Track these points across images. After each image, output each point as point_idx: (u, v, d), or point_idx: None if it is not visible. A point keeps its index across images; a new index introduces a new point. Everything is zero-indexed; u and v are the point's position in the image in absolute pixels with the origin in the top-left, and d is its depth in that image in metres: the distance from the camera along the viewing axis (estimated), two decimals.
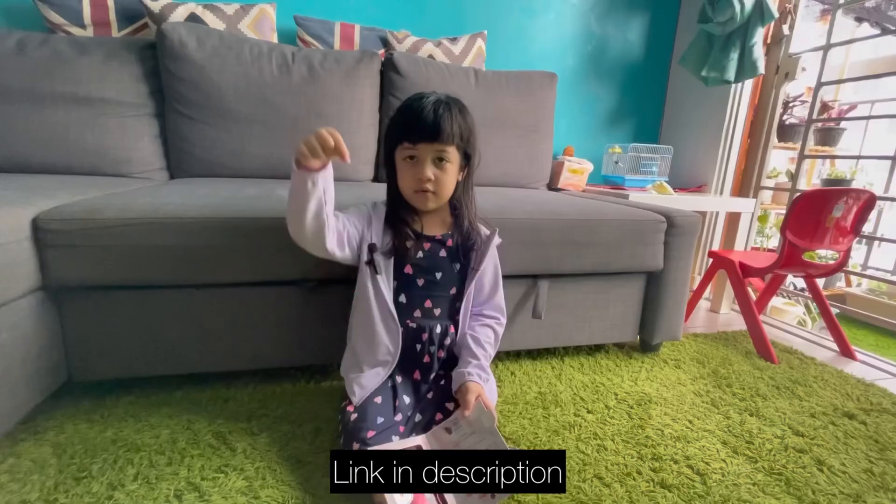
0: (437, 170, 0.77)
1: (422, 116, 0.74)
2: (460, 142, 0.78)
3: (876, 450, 0.88)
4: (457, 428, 0.71)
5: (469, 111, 0.80)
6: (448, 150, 0.76)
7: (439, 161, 0.77)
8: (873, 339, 2.28)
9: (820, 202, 1.18)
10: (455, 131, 0.75)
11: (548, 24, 1.88)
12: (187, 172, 1.36)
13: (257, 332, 0.93)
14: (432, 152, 0.76)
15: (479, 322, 0.87)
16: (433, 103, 0.75)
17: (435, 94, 0.78)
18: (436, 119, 0.74)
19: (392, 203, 0.83)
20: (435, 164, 0.77)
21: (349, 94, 1.41)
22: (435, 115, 0.74)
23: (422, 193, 0.78)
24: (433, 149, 0.75)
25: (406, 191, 0.80)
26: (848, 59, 2.68)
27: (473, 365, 0.79)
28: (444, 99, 0.77)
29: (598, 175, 1.97)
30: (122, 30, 1.39)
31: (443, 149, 0.76)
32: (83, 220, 0.78)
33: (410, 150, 0.76)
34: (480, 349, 0.82)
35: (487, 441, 0.67)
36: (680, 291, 1.20)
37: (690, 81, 1.92)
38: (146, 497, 0.65)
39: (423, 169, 0.76)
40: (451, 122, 0.75)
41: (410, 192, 0.79)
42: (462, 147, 0.79)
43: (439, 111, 0.74)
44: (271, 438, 0.80)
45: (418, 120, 0.75)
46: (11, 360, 0.71)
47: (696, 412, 0.97)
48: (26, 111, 1.20)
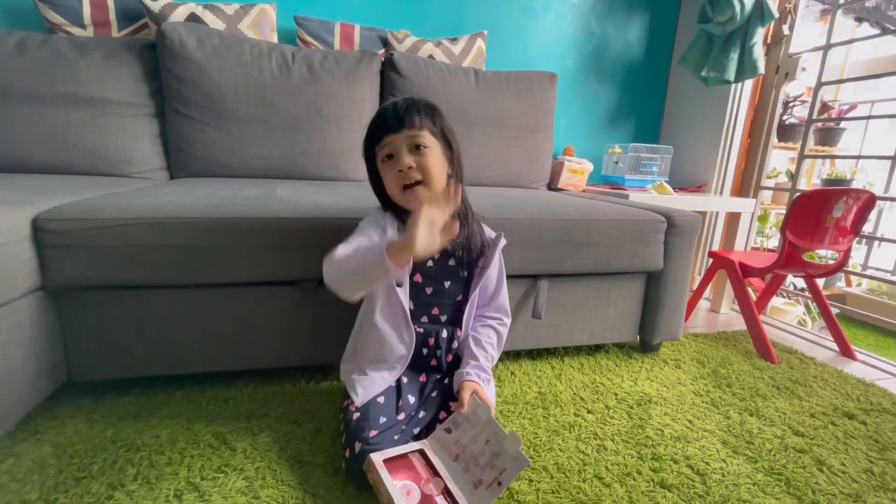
0: (417, 157, 0.74)
1: (384, 114, 0.75)
2: (433, 126, 0.76)
3: (876, 450, 0.88)
4: (456, 426, 0.72)
5: (439, 108, 0.79)
6: (421, 134, 0.74)
7: (416, 149, 0.74)
8: (873, 339, 2.28)
9: (820, 202, 1.18)
10: (423, 117, 0.74)
11: (548, 24, 1.88)
12: (187, 172, 1.36)
13: (257, 332, 0.93)
14: (405, 140, 0.73)
15: (481, 323, 0.87)
16: (393, 102, 0.75)
17: (401, 97, 0.77)
18: (396, 110, 0.74)
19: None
20: (412, 152, 0.74)
21: (349, 94, 1.41)
22: (395, 107, 0.74)
23: (410, 189, 0.74)
24: (404, 136, 0.73)
25: (395, 194, 0.76)
26: (848, 58, 2.67)
27: (472, 366, 0.80)
28: (409, 98, 0.77)
29: (598, 175, 1.97)
30: (122, 30, 1.39)
31: (414, 134, 0.73)
32: (83, 221, 0.78)
33: (385, 149, 0.75)
34: (481, 350, 0.82)
35: (487, 432, 0.68)
36: (680, 291, 1.20)
37: (690, 81, 1.92)
38: (146, 497, 0.65)
39: (400, 158, 0.73)
40: (415, 109, 0.74)
41: (399, 193, 0.75)
42: (438, 133, 0.76)
43: (399, 104, 0.74)
44: (271, 438, 0.80)
45: (381, 119, 0.75)
46: (11, 360, 0.71)
47: (696, 412, 0.97)
48: (26, 111, 1.20)
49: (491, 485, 0.63)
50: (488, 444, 0.67)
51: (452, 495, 0.64)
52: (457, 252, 0.81)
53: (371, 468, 0.64)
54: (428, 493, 0.64)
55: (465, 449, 0.69)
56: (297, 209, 0.90)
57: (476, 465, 0.66)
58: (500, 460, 0.65)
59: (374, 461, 0.64)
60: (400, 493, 0.62)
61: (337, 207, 0.93)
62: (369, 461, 0.64)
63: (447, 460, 0.69)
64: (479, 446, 0.68)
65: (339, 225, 0.89)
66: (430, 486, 0.65)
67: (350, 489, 0.68)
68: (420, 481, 0.66)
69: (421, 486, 0.65)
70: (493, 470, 0.65)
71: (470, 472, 0.66)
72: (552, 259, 1.05)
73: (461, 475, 0.67)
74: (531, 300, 1.08)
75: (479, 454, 0.67)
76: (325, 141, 1.41)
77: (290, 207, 0.90)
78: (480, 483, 0.64)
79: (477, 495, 0.63)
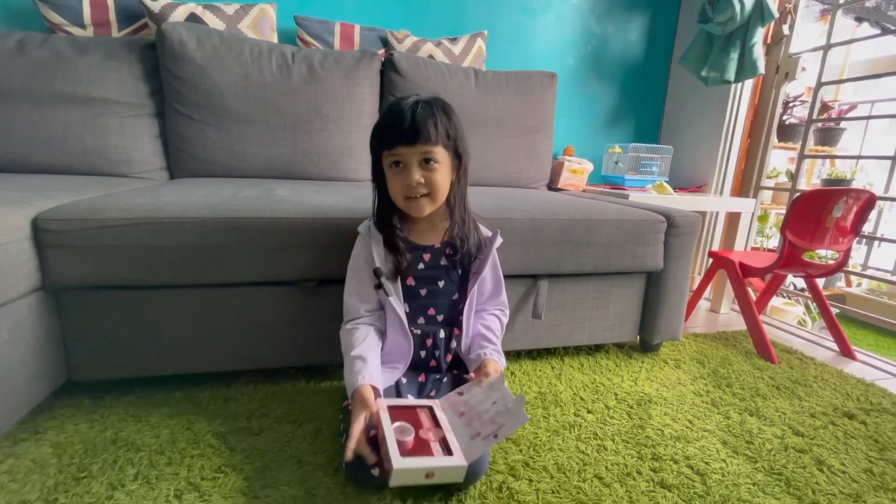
0: (426, 171, 0.73)
1: (400, 120, 0.71)
2: (447, 140, 0.74)
3: (876, 450, 0.88)
4: (468, 390, 0.74)
5: (454, 110, 0.77)
6: (434, 150, 0.72)
7: (426, 163, 0.73)
8: (873, 339, 2.29)
9: (820, 202, 1.18)
10: (439, 131, 0.72)
11: (548, 24, 1.88)
12: (187, 172, 1.36)
13: (257, 332, 0.93)
14: (417, 155, 0.72)
15: (486, 313, 0.89)
16: (411, 105, 0.71)
17: (415, 96, 0.74)
18: (414, 120, 0.70)
19: (385, 213, 0.80)
20: (422, 166, 0.73)
21: (349, 93, 1.41)
22: (413, 116, 0.70)
23: (414, 200, 0.74)
24: (417, 151, 0.72)
25: (397, 199, 0.76)
26: (848, 58, 2.68)
27: (490, 349, 0.82)
28: (423, 99, 0.73)
29: (598, 175, 1.97)
30: (122, 30, 1.39)
31: (428, 150, 0.72)
32: (83, 221, 0.78)
33: (394, 157, 0.73)
34: (493, 334, 0.85)
35: (495, 396, 0.70)
36: (680, 291, 1.20)
37: (690, 81, 1.92)
38: (146, 497, 0.65)
39: (409, 174, 0.72)
40: (432, 122, 0.71)
41: (402, 199, 0.76)
42: (450, 146, 0.75)
43: (417, 112, 0.71)
44: (271, 438, 0.79)
45: (396, 124, 0.71)
46: (11, 360, 0.71)
47: (696, 412, 0.97)
48: (26, 111, 1.20)
49: (487, 437, 0.65)
50: (494, 404, 0.69)
51: (448, 444, 0.65)
52: (447, 250, 0.82)
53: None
54: (424, 438, 0.66)
55: (472, 409, 0.71)
56: (298, 209, 0.90)
57: (478, 421, 0.68)
58: (501, 417, 0.67)
59: (379, 404, 0.69)
60: (391, 430, 0.64)
61: (337, 207, 0.93)
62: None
63: (453, 417, 0.71)
64: (486, 406, 0.70)
65: (339, 225, 0.89)
66: (429, 434, 0.67)
67: (350, 489, 0.68)
68: (420, 428, 0.67)
69: (419, 433, 0.66)
70: (493, 425, 0.66)
71: (471, 427, 0.68)
72: (552, 259, 1.05)
73: (462, 429, 0.68)
74: (531, 300, 1.08)
75: (483, 412, 0.69)
76: (325, 141, 1.41)
77: (291, 207, 0.90)
78: (478, 435, 0.66)
79: (472, 445, 0.65)
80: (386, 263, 0.78)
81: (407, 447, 0.63)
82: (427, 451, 0.64)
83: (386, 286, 0.77)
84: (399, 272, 0.78)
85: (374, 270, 0.77)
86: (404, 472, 0.59)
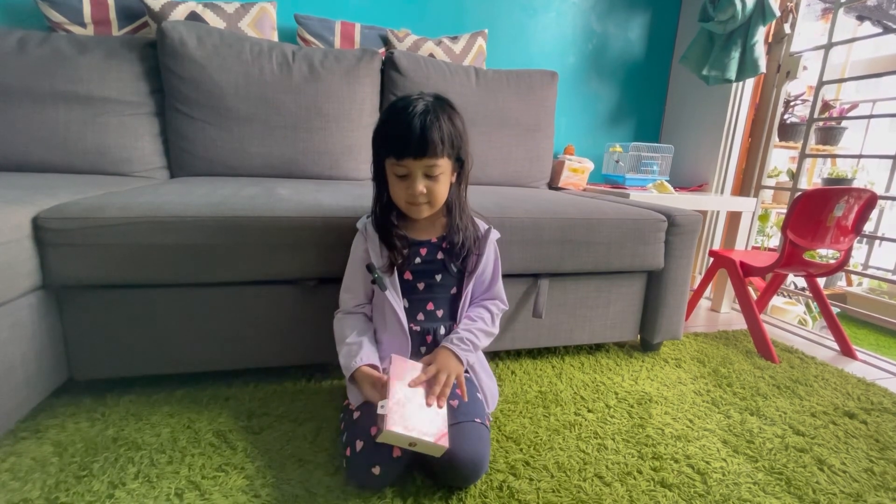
0: (429, 182, 0.74)
1: (409, 132, 0.70)
2: (451, 150, 0.74)
3: (876, 449, 0.88)
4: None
5: (458, 112, 0.77)
6: (438, 162, 0.73)
7: (430, 172, 0.73)
8: (874, 339, 2.29)
9: (821, 201, 1.18)
10: (445, 142, 0.72)
11: (548, 23, 1.87)
12: (187, 171, 1.36)
13: (258, 331, 0.93)
14: (422, 168, 0.72)
15: (478, 304, 0.88)
16: (420, 115, 0.70)
17: (422, 101, 0.72)
18: (423, 133, 0.69)
19: (383, 210, 0.80)
20: (426, 176, 0.73)
21: (350, 92, 1.41)
22: (422, 129, 0.69)
23: (415, 205, 0.76)
24: (423, 164, 0.72)
25: (399, 202, 0.78)
26: (849, 57, 2.67)
27: (455, 338, 0.79)
28: (430, 106, 0.72)
29: (599, 174, 1.97)
30: (122, 28, 1.38)
31: (433, 163, 0.72)
32: (84, 219, 0.78)
33: (400, 169, 0.73)
34: (468, 321, 0.83)
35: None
36: (680, 290, 1.19)
37: (691, 80, 1.92)
38: (147, 495, 0.65)
39: (414, 185, 0.73)
40: (439, 135, 0.71)
41: (403, 203, 0.77)
42: (453, 155, 0.76)
43: (426, 123, 0.70)
44: (272, 437, 0.80)
45: (405, 136, 0.70)
46: (12, 359, 0.71)
47: (697, 411, 0.97)
48: (26, 110, 1.20)
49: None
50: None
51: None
52: (443, 244, 0.82)
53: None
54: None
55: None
56: (298, 208, 0.90)
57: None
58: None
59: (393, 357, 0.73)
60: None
61: (337, 207, 0.93)
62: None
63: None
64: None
65: (339, 224, 0.89)
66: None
67: (350, 488, 0.68)
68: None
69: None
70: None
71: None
72: (553, 258, 1.05)
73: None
74: (532, 299, 1.08)
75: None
76: (326, 140, 1.41)
77: (291, 207, 0.90)
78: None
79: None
80: (382, 259, 0.79)
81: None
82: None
83: (382, 281, 0.77)
84: (395, 266, 0.79)
85: (368, 266, 0.78)
86: (393, 434, 0.62)
